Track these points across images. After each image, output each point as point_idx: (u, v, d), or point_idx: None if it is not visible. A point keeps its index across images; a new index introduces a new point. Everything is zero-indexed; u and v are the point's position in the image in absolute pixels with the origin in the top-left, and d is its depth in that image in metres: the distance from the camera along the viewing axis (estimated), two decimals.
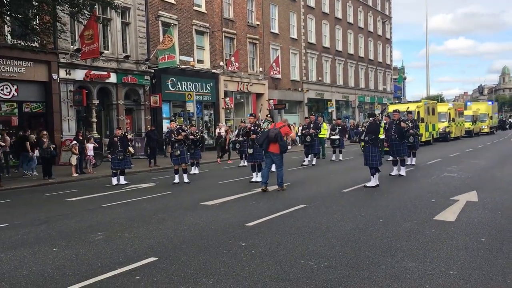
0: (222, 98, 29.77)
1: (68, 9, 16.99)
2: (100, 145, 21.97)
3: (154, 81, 25.08)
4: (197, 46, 28.40)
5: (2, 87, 18.77)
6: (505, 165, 15.91)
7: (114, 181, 14.09)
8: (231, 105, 30.37)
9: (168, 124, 25.28)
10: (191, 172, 15.90)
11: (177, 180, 13.57)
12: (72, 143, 17.08)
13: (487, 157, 19.23)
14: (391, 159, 14.68)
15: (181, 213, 8.76)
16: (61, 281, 5.02)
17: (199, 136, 16.97)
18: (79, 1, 16.11)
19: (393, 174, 13.52)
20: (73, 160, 16.76)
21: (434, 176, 13.15)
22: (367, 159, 11.29)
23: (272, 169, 12.00)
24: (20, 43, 17.28)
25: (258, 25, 33.56)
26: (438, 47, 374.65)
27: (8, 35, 18.30)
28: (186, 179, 13.67)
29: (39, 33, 16.72)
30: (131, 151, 15.68)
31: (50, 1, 15.24)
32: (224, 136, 21.97)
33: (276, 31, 35.96)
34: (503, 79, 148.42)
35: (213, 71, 29.24)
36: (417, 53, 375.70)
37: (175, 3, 26.67)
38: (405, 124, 14.22)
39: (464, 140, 34.01)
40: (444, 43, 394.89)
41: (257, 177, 12.98)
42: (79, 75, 21.26)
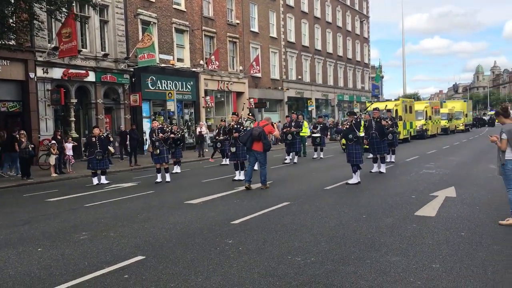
0: (203, 97, 29.71)
1: (46, 6, 16.72)
2: (79, 144, 21.76)
3: (133, 79, 24.87)
4: (177, 44, 28.27)
5: None
6: (480, 161, 16.30)
7: (95, 180, 13.94)
8: (212, 104, 30.34)
9: (149, 123, 25.36)
10: (173, 171, 15.86)
11: (159, 179, 13.53)
12: (51, 142, 16.83)
13: (463, 154, 19.67)
14: (371, 156, 14.90)
15: (166, 211, 8.76)
16: (49, 281, 5.00)
17: (180, 135, 16.92)
18: None
19: (373, 171, 13.74)
20: (52, 160, 16.53)
21: (413, 173, 13.42)
22: (351, 156, 11.44)
23: (254, 167, 12.06)
24: None
25: (238, 23, 33.58)
26: (414, 46, 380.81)
27: None
28: (168, 178, 13.64)
29: (16, 31, 16.42)
30: (111, 150, 15.55)
31: None
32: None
33: (256, 30, 36.04)
34: (477, 77, 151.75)
35: (193, 69, 29.15)
36: (394, 52, 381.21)
37: (154, 1, 26.49)
38: (386, 122, 14.46)
39: (440, 137, 34.66)
40: (420, 43, 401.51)
41: (240, 175, 13.04)
42: (56, 73, 20.93)
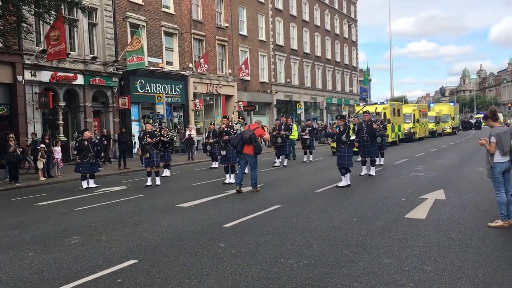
0: (192, 100, 29.66)
1: (34, 9, 16.60)
2: (67, 148, 21.60)
3: (122, 83, 24.75)
4: (166, 47, 28.21)
5: None
6: (468, 164, 16.50)
7: (84, 184, 13.84)
8: (201, 107, 30.30)
9: (138, 126, 25.29)
10: (163, 175, 15.81)
11: (149, 182, 13.48)
12: (40, 146, 16.67)
13: (451, 157, 19.88)
14: (359, 159, 15.00)
15: (157, 215, 8.74)
16: (41, 285, 4.97)
17: (169, 138, 16.86)
18: (45, 1, 15.76)
19: (362, 174, 13.81)
20: (40, 164, 16.38)
21: (403, 175, 13.54)
22: (342, 160, 11.45)
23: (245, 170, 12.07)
24: None
25: (227, 27, 33.61)
26: (401, 49, 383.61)
27: None
28: (158, 182, 13.60)
29: (4, 33, 16.27)
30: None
31: (16, 1, 14.86)
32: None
33: (244, 33, 36.11)
34: (463, 81, 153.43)
35: (182, 73, 29.10)
36: (381, 55, 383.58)
37: (143, 4, 26.43)
38: (377, 125, 14.57)
39: (428, 140, 34.98)
40: (407, 46, 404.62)
41: (230, 178, 13.04)
42: (45, 76, 20.76)
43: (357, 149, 14.53)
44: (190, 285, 4.81)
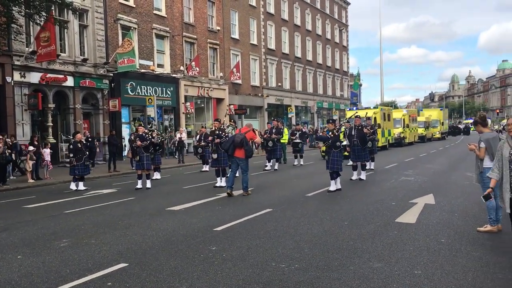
0: (183, 103, 29.60)
1: (25, 10, 16.48)
2: (57, 150, 21.43)
3: (113, 85, 24.63)
4: (157, 50, 28.14)
5: None
6: (457, 169, 16.63)
7: (73, 186, 13.76)
8: (192, 110, 30.25)
9: (128, 128, 25.18)
10: (153, 178, 15.73)
11: (139, 185, 13.40)
12: (29, 148, 16.52)
13: (440, 162, 20.02)
14: (350, 163, 15.05)
15: (147, 218, 8.69)
16: None
17: (159, 141, 16.78)
18: (35, 2, 15.66)
19: (353, 178, 13.85)
20: (28, 165, 16.23)
21: (393, 180, 13.61)
22: (333, 164, 11.40)
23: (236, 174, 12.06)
24: None
25: (218, 30, 33.62)
26: (392, 55, 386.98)
27: None
28: (148, 185, 13.54)
29: None
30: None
31: (6, 1, 14.75)
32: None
33: (236, 36, 36.14)
34: (452, 86, 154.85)
35: (174, 75, 29.04)
36: (371, 60, 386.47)
37: (134, 6, 26.36)
38: (367, 130, 14.64)
39: (417, 145, 35.23)
40: (397, 51, 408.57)
41: (221, 182, 13.02)
42: (34, 78, 20.59)
43: (348, 154, 14.60)
44: None
